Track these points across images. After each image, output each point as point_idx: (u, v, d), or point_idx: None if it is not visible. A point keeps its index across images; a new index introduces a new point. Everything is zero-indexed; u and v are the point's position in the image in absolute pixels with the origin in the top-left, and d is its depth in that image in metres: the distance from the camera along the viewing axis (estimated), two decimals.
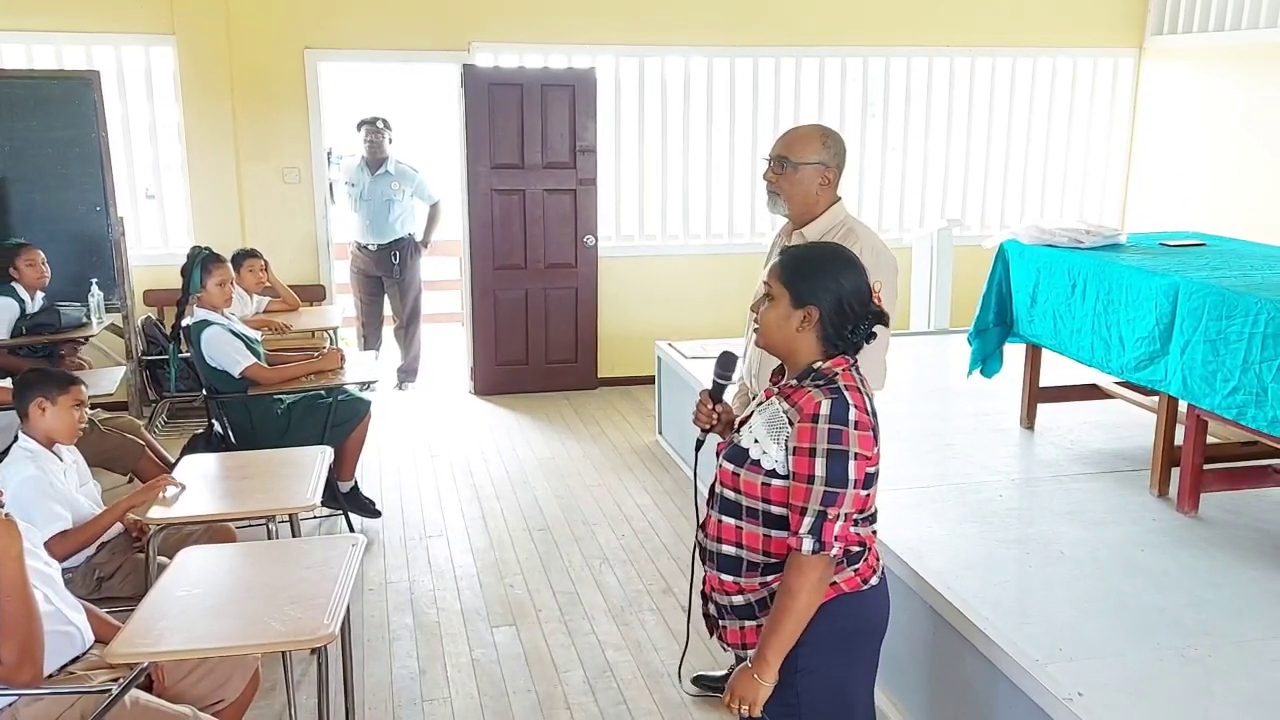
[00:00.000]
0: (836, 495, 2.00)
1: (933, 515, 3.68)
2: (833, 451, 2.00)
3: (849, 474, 2.00)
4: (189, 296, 4.49)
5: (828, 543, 2.01)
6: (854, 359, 2.12)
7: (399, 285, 6.86)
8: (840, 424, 2.00)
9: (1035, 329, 4.32)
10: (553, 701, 3.45)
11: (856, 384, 2.08)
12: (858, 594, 2.15)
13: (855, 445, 2.01)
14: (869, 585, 2.17)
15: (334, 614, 2.51)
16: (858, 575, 2.15)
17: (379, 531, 4.77)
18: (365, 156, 6.67)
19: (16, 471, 3.12)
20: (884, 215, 7.46)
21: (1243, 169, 6.64)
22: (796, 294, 2.10)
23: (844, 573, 2.13)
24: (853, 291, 2.10)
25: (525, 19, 6.61)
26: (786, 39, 6.95)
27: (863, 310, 2.10)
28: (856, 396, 2.05)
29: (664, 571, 4.35)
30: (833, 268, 2.12)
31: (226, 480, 3.54)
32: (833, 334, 2.10)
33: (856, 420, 2.02)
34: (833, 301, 2.08)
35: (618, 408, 6.64)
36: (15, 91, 5.81)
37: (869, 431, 2.04)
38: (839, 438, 2.00)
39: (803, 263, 2.14)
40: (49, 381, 3.24)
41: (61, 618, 2.55)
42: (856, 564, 2.15)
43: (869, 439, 2.04)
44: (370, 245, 6.75)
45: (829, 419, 2.00)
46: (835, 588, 2.12)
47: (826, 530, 2.01)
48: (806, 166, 2.83)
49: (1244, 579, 3.20)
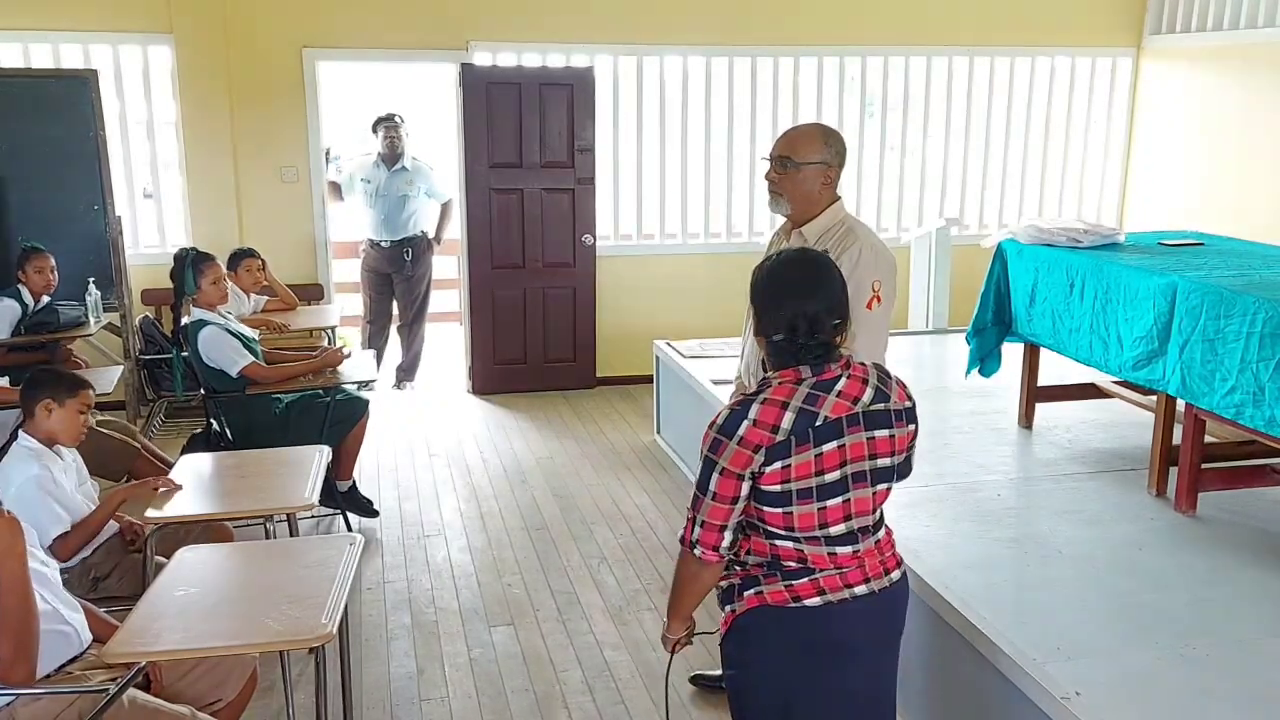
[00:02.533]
0: (697, 500, 2.06)
1: (931, 514, 3.69)
2: (707, 459, 2.04)
3: (710, 485, 2.03)
4: (183, 298, 4.50)
5: (686, 539, 2.10)
6: (812, 373, 2.04)
7: (408, 281, 6.88)
8: (724, 435, 2.01)
9: (1033, 328, 4.33)
10: (551, 701, 3.45)
11: (785, 400, 2.01)
12: (785, 608, 2.09)
13: (726, 459, 2.00)
14: (801, 604, 2.09)
15: (332, 613, 2.50)
16: (789, 591, 2.09)
17: (377, 531, 4.77)
18: (382, 153, 6.70)
19: (21, 470, 3.11)
20: (883, 215, 7.46)
21: (1241, 168, 6.64)
22: (756, 317, 2.13)
23: (774, 584, 2.10)
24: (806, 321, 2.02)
25: (523, 18, 6.60)
26: (785, 39, 6.95)
27: (808, 332, 2.03)
28: (769, 412, 1.99)
29: (662, 571, 4.34)
30: (788, 294, 2.06)
31: (224, 479, 3.54)
32: (787, 355, 2.06)
33: (743, 436, 1.99)
34: (774, 328, 2.06)
35: (616, 407, 6.64)
36: (13, 91, 5.80)
37: (752, 449, 1.98)
38: (716, 447, 2.02)
39: (758, 291, 2.14)
40: (59, 383, 3.23)
41: (59, 617, 2.54)
42: (794, 580, 2.09)
43: (743, 456, 1.98)
44: (383, 241, 6.78)
45: (717, 428, 2.03)
46: (759, 597, 2.11)
47: (687, 529, 2.10)
48: (809, 166, 2.83)
49: (1242, 578, 3.21)
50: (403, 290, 6.92)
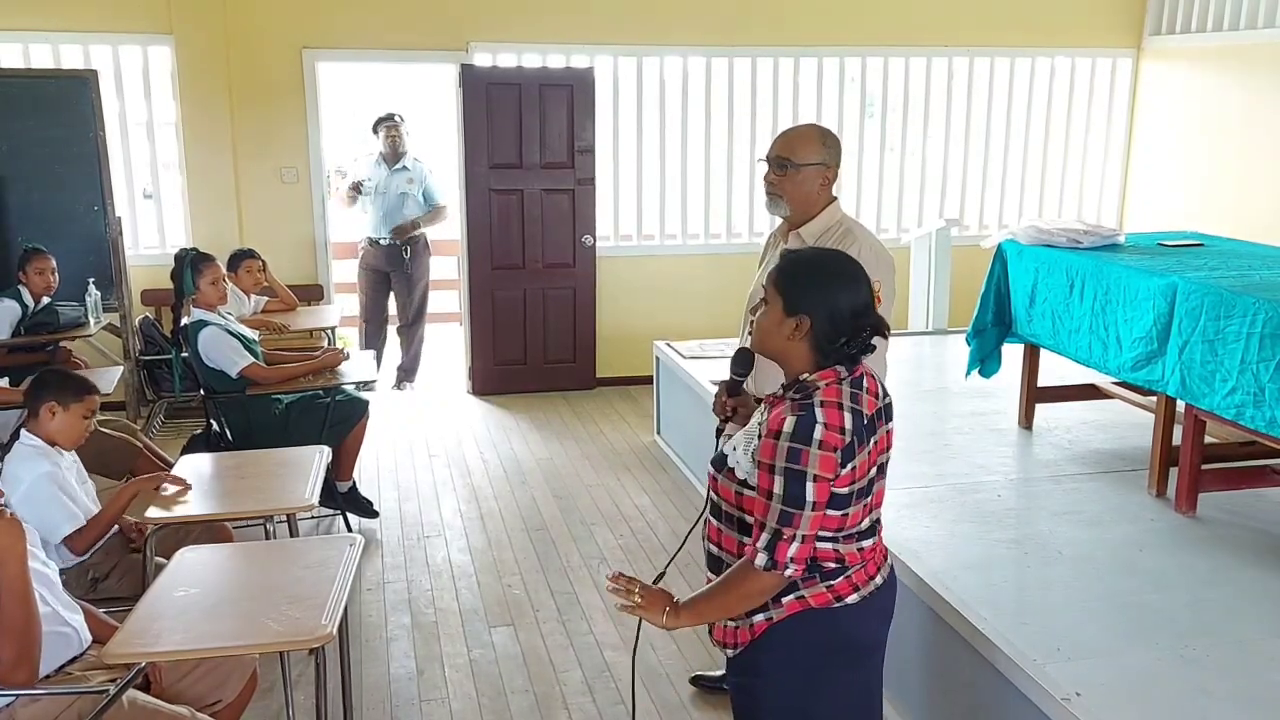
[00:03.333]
0: (792, 516, 1.95)
1: (931, 515, 3.68)
2: (790, 471, 1.95)
3: (806, 495, 1.94)
4: (183, 299, 4.50)
5: (780, 562, 1.97)
6: (848, 372, 2.05)
7: (406, 280, 6.89)
8: (801, 443, 1.94)
9: (1033, 329, 4.33)
10: (550, 702, 3.45)
11: (838, 401, 1.99)
12: (828, 610, 2.08)
13: (815, 466, 1.94)
14: (843, 603, 2.09)
15: (332, 614, 2.50)
16: (831, 591, 2.08)
17: (377, 531, 4.76)
18: (383, 152, 6.74)
19: (30, 469, 3.11)
20: (882, 215, 7.46)
21: (1241, 169, 6.64)
22: (789, 301, 2.05)
23: (814, 587, 2.07)
24: (847, 304, 2.03)
25: (523, 19, 6.60)
26: (785, 39, 6.95)
27: (857, 324, 2.03)
28: (832, 414, 1.97)
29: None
30: (828, 277, 2.06)
31: (224, 480, 3.54)
32: (825, 345, 2.03)
33: (821, 439, 1.94)
34: (825, 312, 2.02)
35: (616, 408, 6.64)
36: (12, 91, 5.80)
37: (833, 452, 1.95)
38: (798, 457, 1.94)
39: (798, 270, 2.09)
40: (66, 387, 3.21)
41: (59, 618, 2.54)
42: (833, 580, 2.08)
43: (830, 460, 1.95)
44: (382, 240, 6.80)
45: (790, 437, 1.95)
46: (802, 601, 2.07)
47: (780, 550, 1.97)
48: (808, 167, 2.83)
49: (1242, 579, 3.21)
50: (401, 289, 6.93)
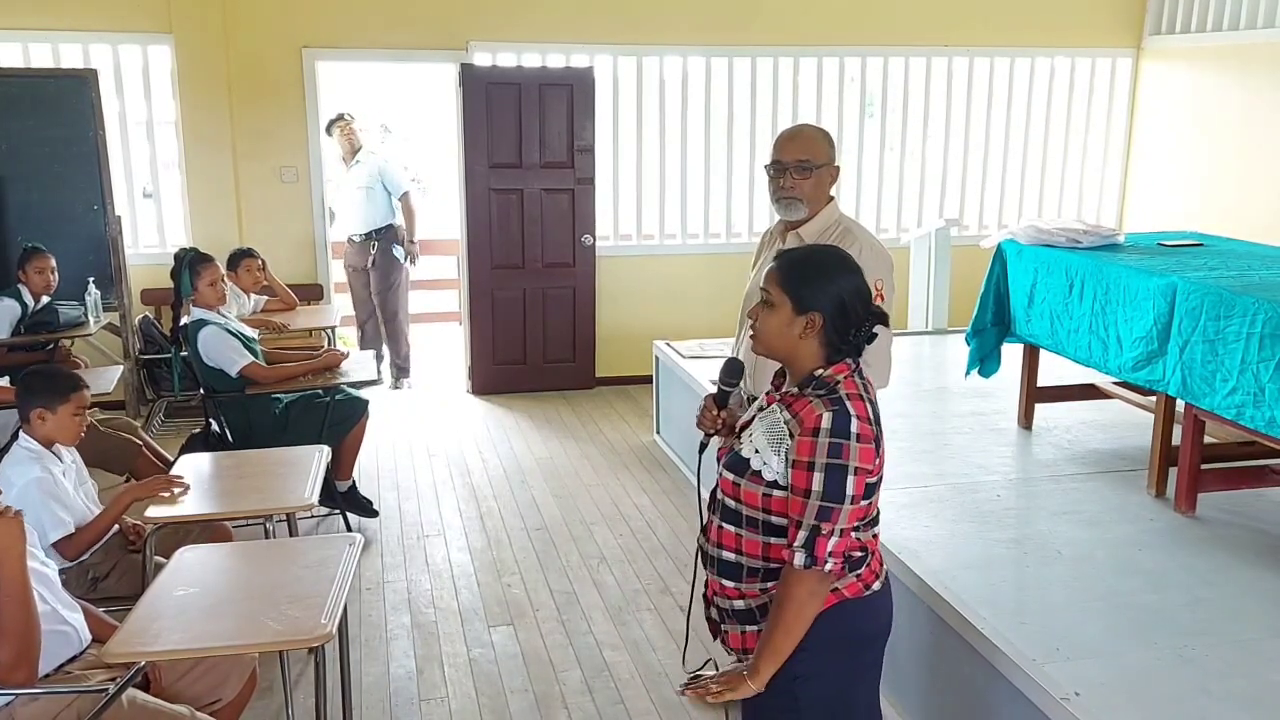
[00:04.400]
0: (832, 510, 1.96)
1: (930, 515, 3.68)
2: (832, 466, 1.96)
3: (847, 489, 1.96)
4: (182, 299, 4.50)
5: (820, 558, 1.98)
6: (856, 363, 2.08)
7: (378, 273, 6.88)
8: (841, 438, 1.96)
9: (1033, 329, 4.33)
10: (550, 701, 3.45)
11: (859, 391, 2.03)
12: (860, 600, 2.12)
13: (856, 459, 1.96)
14: (871, 591, 2.13)
15: (331, 613, 2.50)
16: (860, 581, 2.11)
17: (376, 531, 4.76)
18: (340, 153, 6.80)
19: (22, 472, 3.10)
20: (882, 215, 7.46)
21: (1241, 169, 6.64)
22: (798, 300, 2.05)
23: (845, 578, 2.09)
24: (854, 293, 2.05)
25: (523, 19, 6.60)
26: (785, 39, 6.95)
27: (865, 312, 2.06)
28: (859, 406, 2.00)
29: (662, 571, 4.34)
30: (833, 271, 2.07)
31: (223, 479, 3.54)
32: (835, 339, 2.05)
33: (858, 432, 1.97)
34: (835, 306, 2.04)
35: (615, 407, 6.64)
36: (12, 90, 5.80)
37: (870, 443, 1.99)
38: (839, 452, 1.96)
39: (803, 267, 2.09)
40: (50, 390, 3.19)
41: (58, 617, 2.54)
42: (859, 569, 2.11)
43: (870, 451, 1.99)
44: (355, 236, 6.87)
45: (830, 433, 1.96)
46: (837, 594, 2.09)
47: (820, 546, 1.97)
48: (824, 167, 2.86)
49: (1241, 579, 3.21)
50: (376, 282, 6.92)
